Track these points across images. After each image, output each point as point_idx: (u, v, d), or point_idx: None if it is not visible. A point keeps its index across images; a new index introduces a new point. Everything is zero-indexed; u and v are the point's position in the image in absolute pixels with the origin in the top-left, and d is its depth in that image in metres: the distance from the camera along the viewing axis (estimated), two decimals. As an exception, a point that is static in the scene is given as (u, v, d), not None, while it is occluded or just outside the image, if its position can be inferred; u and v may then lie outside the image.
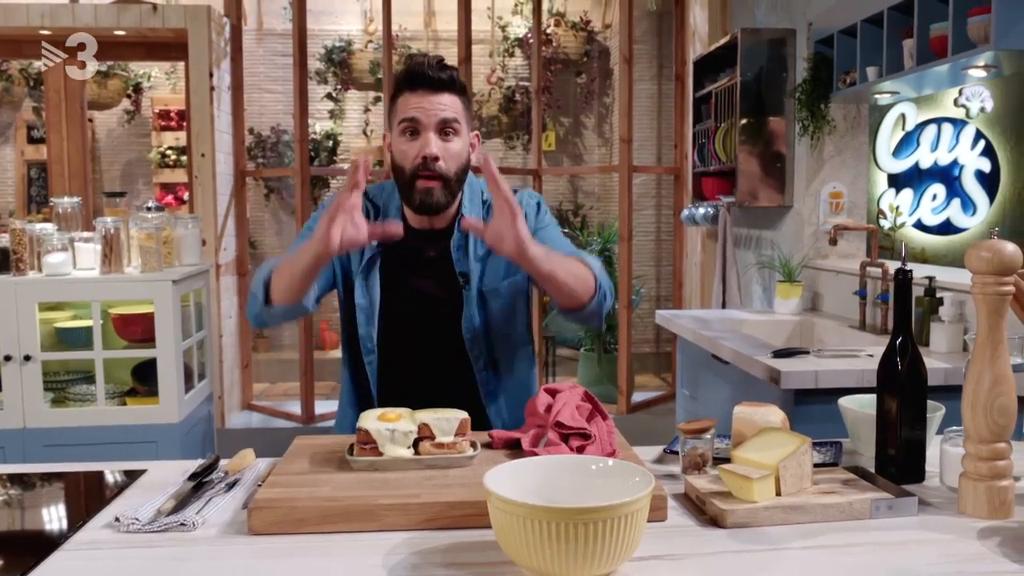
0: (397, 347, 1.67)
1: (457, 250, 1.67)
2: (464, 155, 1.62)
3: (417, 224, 1.68)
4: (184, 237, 3.37)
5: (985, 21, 2.25)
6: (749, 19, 4.07)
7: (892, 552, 1.07)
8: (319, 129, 6.41)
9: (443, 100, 1.57)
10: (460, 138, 1.60)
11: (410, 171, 1.58)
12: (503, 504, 0.98)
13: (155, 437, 3.07)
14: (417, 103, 1.56)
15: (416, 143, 1.57)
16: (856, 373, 2.20)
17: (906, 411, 1.31)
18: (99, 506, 1.26)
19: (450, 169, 1.59)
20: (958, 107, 4.50)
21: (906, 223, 4.49)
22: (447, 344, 1.66)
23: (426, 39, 6.54)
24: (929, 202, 4.50)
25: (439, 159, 1.57)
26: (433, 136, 1.56)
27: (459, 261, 1.66)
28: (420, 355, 1.67)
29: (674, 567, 1.03)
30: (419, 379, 1.67)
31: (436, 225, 1.68)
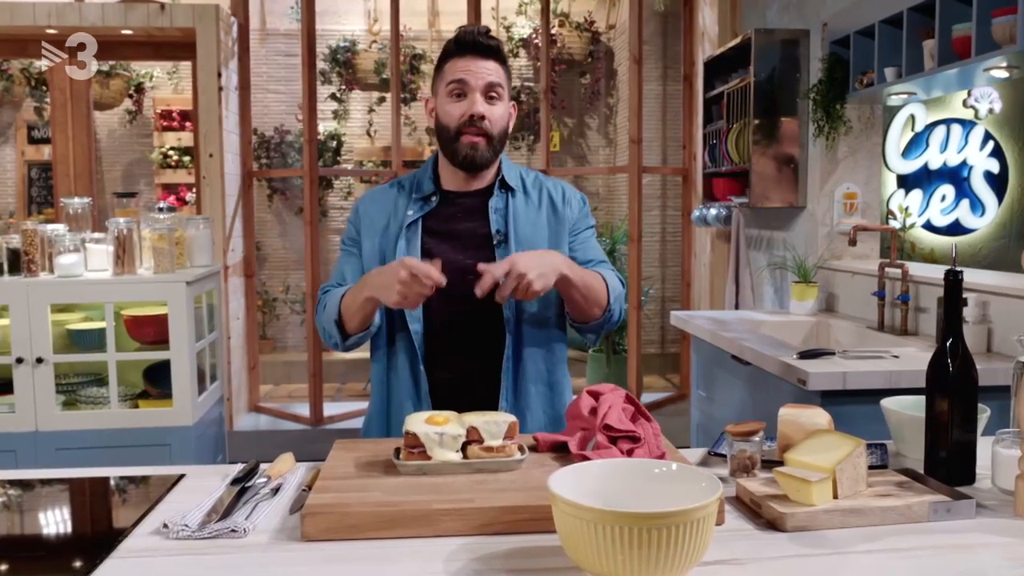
0: (439, 315, 1.65)
1: (495, 211, 1.69)
2: (505, 120, 1.69)
3: (454, 186, 1.72)
4: (196, 238, 3.34)
5: (1011, 22, 2.24)
6: (760, 20, 4.06)
7: (957, 555, 1.06)
8: (323, 130, 6.38)
9: (488, 66, 1.64)
10: (502, 103, 1.67)
11: (455, 128, 1.64)
12: (571, 508, 0.96)
13: (168, 440, 3.04)
14: (465, 67, 1.63)
15: (463, 103, 1.64)
16: (884, 374, 2.19)
17: (957, 413, 1.30)
18: (142, 512, 1.24)
19: (494, 129, 1.65)
20: (967, 108, 4.50)
21: (916, 224, 4.50)
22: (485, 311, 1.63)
23: (430, 39, 6.52)
24: (938, 203, 4.49)
25: (485, 118, 1.63)
26: (479, 97, 1.63)
27: (496, 221, 1.69)
28: (460, 321, 1.65)
29: (742, 572, 1.02)
30: (459, 347, 1.66)
31: (473, 186, 1.71)
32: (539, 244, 1.68)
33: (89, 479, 1.41)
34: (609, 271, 1.71)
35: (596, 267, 1.71)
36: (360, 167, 6.56)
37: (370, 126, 6.59)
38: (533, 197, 1.73)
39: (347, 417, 4.58)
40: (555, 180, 1.78)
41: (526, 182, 1.75)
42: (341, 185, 6.59)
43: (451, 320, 1.65)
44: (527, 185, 1.74)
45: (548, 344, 1.71)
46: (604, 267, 1.72)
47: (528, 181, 1.75)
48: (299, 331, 6.62)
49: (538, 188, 1.75)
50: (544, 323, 1.70)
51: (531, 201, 1.72)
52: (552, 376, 1.72)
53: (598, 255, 1.75)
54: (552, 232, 1.71)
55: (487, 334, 1.66)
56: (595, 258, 1.73)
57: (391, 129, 4.81)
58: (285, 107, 6.44)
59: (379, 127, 6.59)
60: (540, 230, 1.70)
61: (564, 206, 1.73)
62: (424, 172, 1.75)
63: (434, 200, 1.70)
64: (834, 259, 3.43)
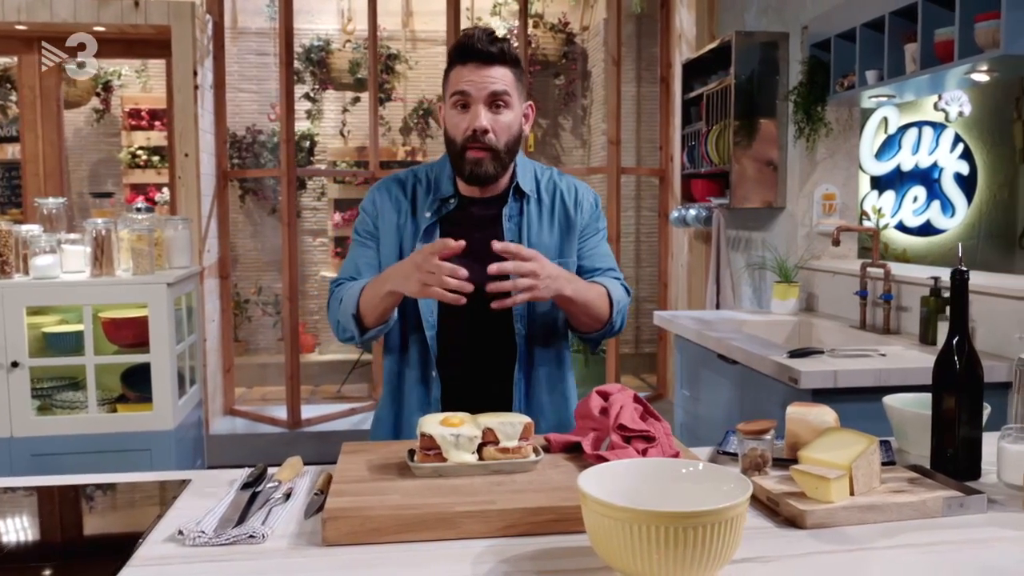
0: (453, 321, 1.64)
1: (509, 219, 1.67)
2: (515, 127, 1.63)
3: (469, 192, 1.69)
4: (174, 239, 3.29)
5: (994, 26, 2.29)
6: (738, 23, 4.10)
7: (975, 550, 1.08)
8: (296, 129, 6.30)
9: (493, 73, 1.58)
10: (511, 110, 1.61)
11: (460, 143, 1.60)
12: (603, 508, 0.96)
13: (149, 445, 2.99)
14: (467, 76, 1.58)
15: (467, 116, 1.59)
16: (873, 373, 2.22)
17: (964, 409, 1.33)
18: (152, 519, 1.21)
19: (500, 141, 1.60)
20: (938, 111, 4.60)
21: (889, 224, 4.58)
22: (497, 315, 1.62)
23: (404, 39, 6.49)
24: (910, 204, 4.60)
25: (488, 132, 1.58)
26: (483, 109, 1.58)
27: (510, 230, 1.67)
28: (473, 327, 1.64)
29: (769, 570, 1.02)
30: (471, 355, 1.66)
31: (489, 193, 1.69)
32: (552, 252, 1.66)
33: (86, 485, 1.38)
34: (614, 281, 1.70)
35: (603, 276, 1.69)
36: (334, 167, 6.50)
37: (343, 126, 6.53)
38: (546, 202, 1.70)
39: (325, 420, 4.54)
40: (570, 180, 1.75)
41: (540, 184, 1.72)
42: (314, 185, 6.53)
43: (464, 328, 1.64)
44: (541, 189, 1.71)
45: (557, 351, 1.71)
46: (611, 275, 1.71)
47: (543, 183, 1.72)
48: (271, 333, 6.55)
49: (551, 191, 1.71)
50: (554, 331, 1.70)
51: (544, 206, 1.70)
52: (561, 383, 1.72)
53: (606, 262, 1.72)
54: (563, 238, 1.69)
55: (498, 343, 1.65)
56: (603, 266, 1.71)
57: (369, 130, 4.78)
58: (257, 107, 6.37)
59: (353, 127, 6.54)
60: (551, 237, 1.68)
61: (576, 210, 1.70)
62: (443, 170, 1.71)
63: (452, 203, 1.68)
64: (813, 259, 3.47)
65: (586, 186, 1.77)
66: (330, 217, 6.58)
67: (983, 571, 1.01)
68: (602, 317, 1.64)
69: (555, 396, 1.71)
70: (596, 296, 1.62)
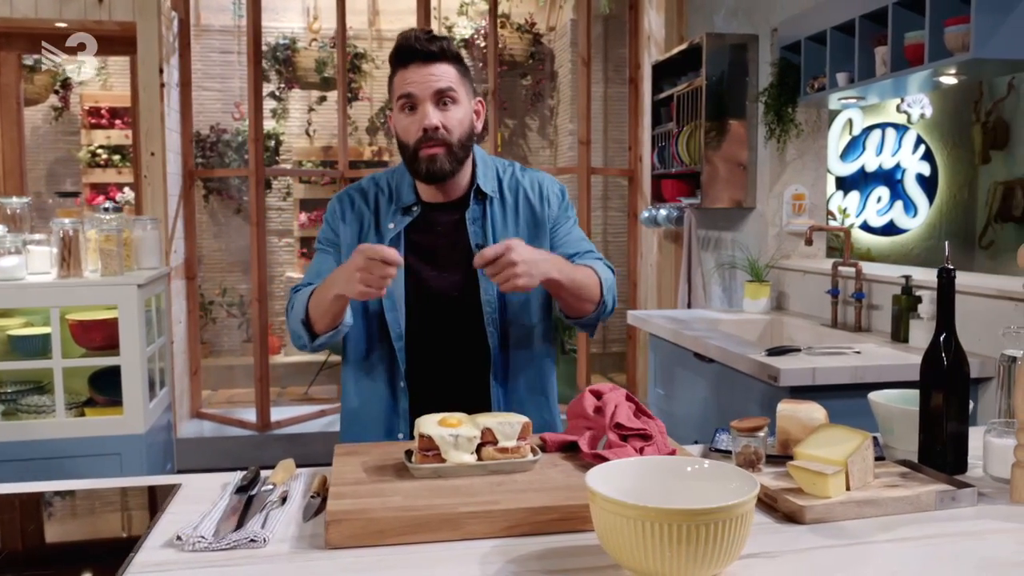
0: (422, 330, 1.62)
1: (473, 223, 1.65)
2: (466, 122, 1.61)
3: (431, 198, 1.67)
4: (143, 239, 3.23)
5: (964, 31, 2.34)
6: (707, 25, 4.14)
7: (971, 542, 1.10)
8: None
9: (436, 71, 1.56)
10: (459, 106, 1.59)
11: (413, 144, 1.58)
12: (614, 506, 0.96)
13: (119, 449, 2.93)
14: (410, 78, 1.57)
15: (415, 117, 1.57)
16: (850, 370, 2.26)
17: (951, 405, 1.35)
18: (145, 524, 1.19)
19: (452, 136, 1.58)
20: (900, 113, 4.70)
21: (854, 224, 4.66)
22: (467, 321, 1.62)
23: (370, 38, 6.45)
24: (874, 204, 4.69)
25: (439, 128, 1.56)
26: (431, 107, 1.56)
27: (475, 233, 1.64)
28: (443, 336, 1.62)
29: (776, 565, 1.03)
30: (443, 361, 1.63)
31: (450, 196, 1.66)
32: None
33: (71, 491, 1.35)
34: (597, 261, 1.68)
35: (584, 258, 1.67)
36: (299, 167, 6.44)
37: (309, 125, 6.47)
38: (509, 201, 1.68)
39: (295, 422, 4.49)
40: (532, 174, 1.73)
41: (503, 183, 1.69)
42: (280, 185, 6.46)
43: (434, 336, 1.61)
44: (503, 188, 1.69)
45: (535, 356, 1.69)
46: (592, 257, 1.69)
47: (505, 182, 1.69)
48: (236, 335, 6.46)
49: (514, 190, 1.69)
50: (530, 333, 1.67)
51: (508, 206, 1.67)
52: (542, 385, 1.70)
53: (583, 245, 1.70)
54: (532, 235, 1.66)
55: (471, 350, 1.62)
56: (580, 249, 1.69)
57: (337, 130, 4.73)
58: (221, 105, 6.28)
59: (318, 127, 6.48)
60: (520, 235, 1.64)
61: (542, 205, 1.69)
62: (403, 178, 1.68)
63: (415, 211, 1.65)
64: (783, 259, 3.52)
65: (550, 178, 1.75)
66: (296, 217, 6.51)
67: (980, 563, 1.04)
68: (594, 297, 1.61)
69: (536, 399, 1.69)
70: (585, 276, 1.58)
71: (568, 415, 1.51)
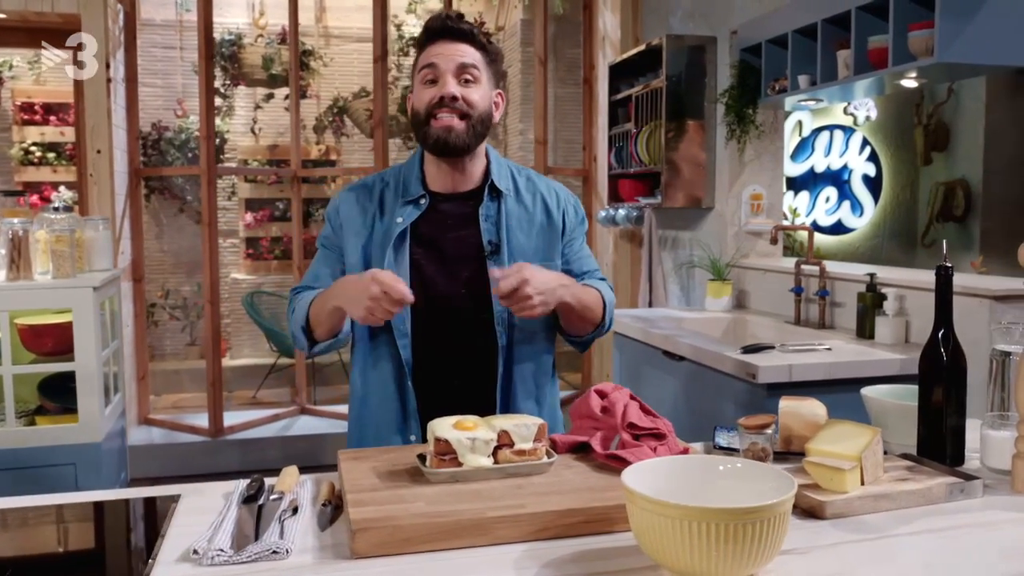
0: (428, 328, 1.58)
1: (486, 219, 1.61)
2: (485, 104, 1.57)
3: (441, 187, 1.62)
4: (95, 240, 3.11)
5: (927, 35, 2.41)
6: (663, 26, 4.18)
7: (989, 532, 1.13)
8: (203, 126, 6.08)
9: (461, 48, 1.55)
10: (480, 86, 1.56)
11: (426, 111, 1.54)
12: (656, 506, 0.95)
13: (73, 459, 2.81)
14: (436, 51, 1.55)
15: (434, 88, 1.54)
16: (824, 366, 2.31)
17: (951, 399, 1.39)
18: (154, 540, 1.13)
19: (471, 110, 1.54)
20: (847, 115, 4.83)
21: (805, 223, 4.77)
22: (475, 320, 1.58)
23: (317, 35, 6.34)
24: (823, 204, 4.81)
25: (457, 99, 1.52)
26: (451, 79, 1.53)
27: (487, 230, 1.60)
28: (450, 334, 1.59)
29: (808, 562, 1.04)
30: (449, 363, 1.59)
31: (460, 187, 1.62)
32: (532, 254, 1.61)
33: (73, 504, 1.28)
34: (602, 282, 1.69)
35: (591, 278, 1.68)
36: (245, 165, 6.29)
37: (254, 123, 6.33)
38: (527, 202, 1.64)
39: (249, 427, 4.38)
40: (548, 182, 1.71)
41: (518, 183, 1.66)
42: (224, 184, 6.31)
43: (441, 336, 1.58)
44: (519, 187, 1.65)
45: (538, 358, 1.66)
46: (597, 276, 1.70)
47: (520, 182, 1.66)
48: (180, 338, 6.28)
49: (532, 192, 1.66)
50: (534, 338, 1.65)
51: (524, 206, 1.64)
52: (542, 389, 1.68)
53: (591, 264, 1.71)
54: (546, 242, 1.64)
55: (478, 350, 1.59)
56: (589, 268, 1.69)
57: (290, 128, 4.64)
58: (163, 102, 6.10)
59: (264, 124, 6.35)
60: (533, 239, 1.62)
61: (559, 213, 1.66)
62: (411, 171, 1.64)
63: (423, 203, 1.61)
64: (743, 258, 3.58)
65: (566, 189, 1.73)
66: (241, 217, 6.37)
67: (1002, 552, 1.06)
68: (596, 319, 1.63)
69: (539, 399, 1.67)
70: (592, 299, 1.60)
71: (573, 415, 1.50)
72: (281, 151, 6.36)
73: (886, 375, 2.30)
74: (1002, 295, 2.29)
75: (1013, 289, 2.31)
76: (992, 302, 2.29)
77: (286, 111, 6.28)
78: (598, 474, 1.27)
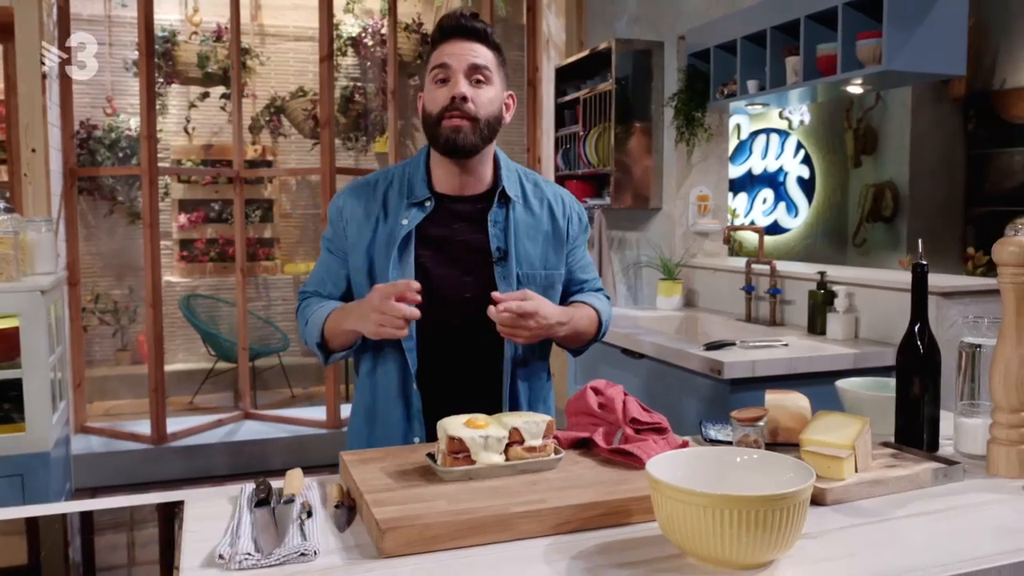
0: (434, 332, 1.58)
1: (494, 225, 1.60)
2: (496, 105, 1.58)
3: (449, 188, 1.62)
4: (38, 242, 3.00)
5: (875, 44, 2.53)
6: (608, 30, 4.26)
7: (978, 512, 1.21)
8: (134, 125, 5.90)
9: (473, 47, 1.56)
10: (491, 87, 1.57)
11: (437, 113, 1.55)
12: (683, 495, 0.99)
13: (20, 469, 2.71)
14: (448, 50, 1.56)
15: (446, 88, 1.55)
16: (784, 361, 2.40)
17: (927, 389, 1.47)
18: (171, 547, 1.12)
19: (480, 112, 1.55)
20: (783, 119, 5.00)
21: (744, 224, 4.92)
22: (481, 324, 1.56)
23: (252, 33, 6.22)
24: (761, 205, 4.96)
25: (468, 100, 1.53)
26: (463, 80, 1.54)
27: (496, 236, 1.60)
28: (455, 338, 1.59)
29: (822, 545, 1.09)
30: (453, 366, 1.59)
31: (468, 190, 1.62)
32: (538, 262, 1.62)
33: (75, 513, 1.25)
34: (599, 293, 1.73)
35: (590, 287, 1.73)
36: (178, 165, 6.13)
37: (188, 123, 6.17)
38: (535, 208, 1.64)
39: (192, 433, 4.27)
40: (555, 187, 1.71)
41: (526, 190, 1.66)
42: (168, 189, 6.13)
43: (446, 339, 1.58)
44: (528, 194, 1.65)
45: (539, 361, 1.69)
46: (595, 286, 1.74)
47: (528, 188, 1.66)
48: (110, 344, 6.08)
49: (540, 198, 1.66)
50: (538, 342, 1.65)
51: (532, 213, 1.64)
52: (543, 390, 1.70)
53: (591, 272, 1.74)
54: (552, 249, 1.65)
55: (483, 353, 1.60)
56: (588, 276, 1.73)
57: (232, 127, 4.54)
58: (90, 99, 5.89)
59: (198, 124, 6.19)
60: (540, 246, 1.63)
61: (565, 221, 1.66)
62: (416, 170, 1.63)
63: (428, 206, 1.59)
64: (690, 257, 3.67)
65: (571, 195, 1.74)
66: (174, 219, 6.20)
67: (996, 531, 1.14)
68: (587, 339, 1.69)
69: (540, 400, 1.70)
70: (586, 327, 1.65)
71: (569, 413, 1.53)
72: (216, 151, 6.22)
73: (842, 369, 2.41)
74: (948, 291, 2.42)
75: (960, 286, 2.44)
76: (939, 298, 2.42)
77: (222, 110, 6.15)
78: (606, 468, 1.30)
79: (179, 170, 5.90)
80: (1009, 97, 4.70)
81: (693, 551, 1.02)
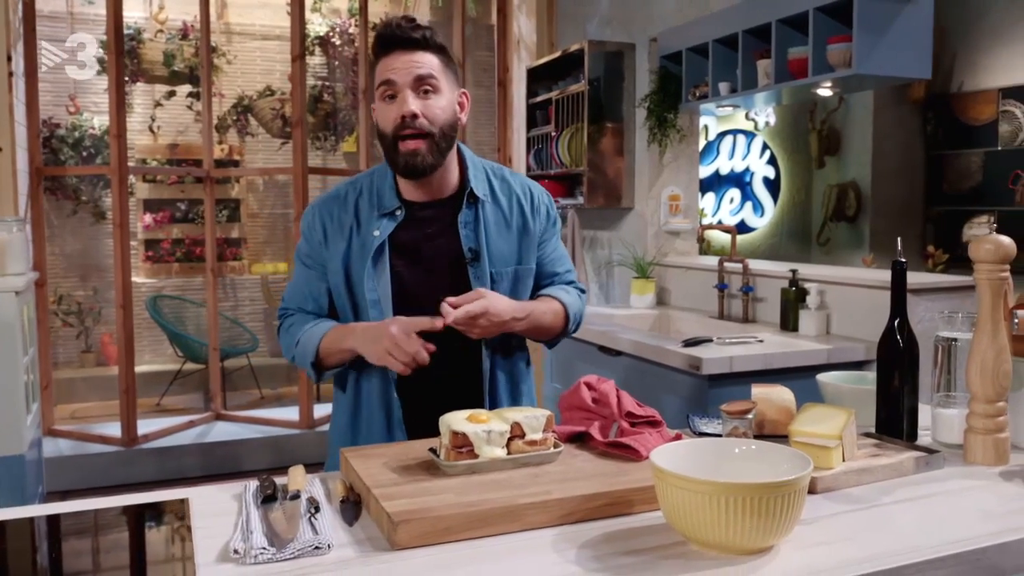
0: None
1: (465, 226, 1.62)
2: (448, 113, 1.56)
3: (415, 196, 1.63)
4: (10, 242, 2.96)
5: (845, 48, 2.60)
6: (579, 32, 4.31)
7: (960, 498, 1.26)
8: (98, 124, 5.81)
9: (417, 58, 1.53)
10: (441, 95, 1.55)
11: (392, 134, 1.54)
12: (688, 483, 1.03)
13: (-6, 473, 2.67)
14: (391, 64, 1.53)
15: (395, 105, 1.53)
16: (761, 357, 2.46)
17: (907, 382, 1.53)
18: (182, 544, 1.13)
19: (433, 126, 1.54)
20: (749, 120, 5.09)
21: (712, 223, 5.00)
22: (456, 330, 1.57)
23: (218, 31, 6.17)
24: (728, 204, 5.05)
25: (418, 116, 1.52)
26: (410, 94, 1.52)
27: (467, 237, 1.62)
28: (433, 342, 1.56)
29: (816, 530, 1.14)
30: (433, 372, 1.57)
31: (436, 194, 1.63)
32: (510, 259, 1.64)
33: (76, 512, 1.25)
34: (569, 287, 1.74)
35: (561, 280, 1.74)
36: (143, 164, 6.05)
37: (152, 122, 6.10)
38: (503, 205, 1.66)
39: (163, 435, 4.23)
40: (524, 181, 1.72)
41: (494, 186, 1.67)
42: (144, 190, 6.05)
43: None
44: (496, 190, 1.67)
45: (518, 360, 1.71)
46: (567, 279, 1.75)
47: (496, 185, 1.67)
48: (74, 345, 5.98)
49: (508, 194, 1.67)
50: (515, 341, 1.70)
51: (501, 210, 1.65)
52: (523, 388, 1.72)
53: (564, 264, 1.75)
54: (522, 245, 1.67)
55: (461, 357, 1.61)
56: (561, 269, 1.74)
57: (203, 126, 4.51)
58: (52, 98, 5.79)
59: (163, 123, 6.12)
60: (510, 243, 1.65)
61: (533, 214, 1.68)
62: (383, 180, 1.63)
63: (399, 215, 1.61)
64: (663, 256, 3.73)
65: (540, 187, 1.75)
66: (139, 218, 6.12)
67: (980, 515, 1.19)
68: (553, 333, 1.70)
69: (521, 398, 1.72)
70: (550, 320, 1.66)
71: (562, 407, 1.56)
72: (182, 150, 6.15)
73: (816, 364, 2.48)
74: (916, 288, 2.50)
75: (926, 283, 2.52)
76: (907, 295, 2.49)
77: (188, 108, 6.09)
78: (605, 460, 1.34)
79: (150, 169, 5.83)
80: (967, 100, 4.85)
81: (697, 538, 1.06)
